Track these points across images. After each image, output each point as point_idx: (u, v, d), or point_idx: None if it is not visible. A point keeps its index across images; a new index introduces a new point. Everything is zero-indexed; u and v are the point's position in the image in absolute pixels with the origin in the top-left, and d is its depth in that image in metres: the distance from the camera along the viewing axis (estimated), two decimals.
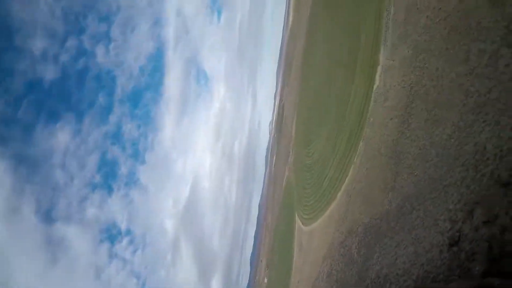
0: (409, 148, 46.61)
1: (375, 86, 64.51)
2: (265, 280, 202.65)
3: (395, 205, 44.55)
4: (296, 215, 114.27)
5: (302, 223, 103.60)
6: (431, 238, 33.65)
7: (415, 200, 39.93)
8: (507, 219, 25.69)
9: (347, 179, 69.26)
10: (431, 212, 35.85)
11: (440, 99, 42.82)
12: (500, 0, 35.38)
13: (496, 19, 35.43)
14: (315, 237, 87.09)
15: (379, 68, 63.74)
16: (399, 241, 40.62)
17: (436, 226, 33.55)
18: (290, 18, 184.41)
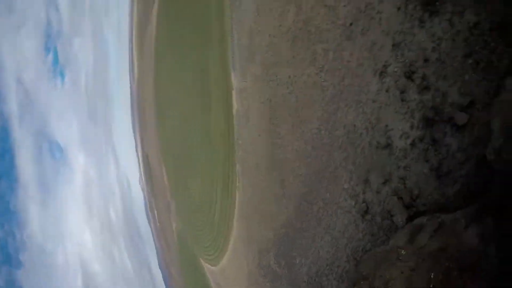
0: (286, 154, 47.65)
1: (234, 110, 65.25)
2: None
3: (292, 208, 44.57)
4: (201, 259, 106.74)
5: (211, 265, 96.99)
6: (341, 219, 34.28)
7: (310, 196, 40.47)
8: (400, 170, 27.39)
9: (236, 204, 67.55)
10: (329, 198, 36.67)
11: (300, 102, 45.02)
12: (333, 5, 39.43)
13: (332, 20, 39.26)
14: (229, 272, 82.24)
15: (233, 92, 64.89)
16: (313, 236, 40.39)
17: (341, 208, 34.40)
18: (136, 68, 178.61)
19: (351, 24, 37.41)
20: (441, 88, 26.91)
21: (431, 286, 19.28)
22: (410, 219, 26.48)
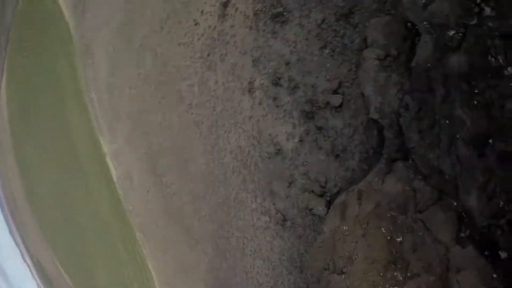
0: (181, 201, 42.97)
1: (114, 177, 57.97)
2: None
3: (211, 250, 39.78)
4: None
5: None
6: (263, 239, 32.02)
7: (223, 231, 37.04)
8: (300, 168, 25.85)
9: (153, 275, 57.99)
10: (243, 225, 33.98)
11: (178, 144, 41.54)
12: (187, 41, 37.86)
13: (190, 56, 37.59)
14: None
15: (108, 159, 57.96)
16: (243, 268, 36.12)
17: (258, 229, 31.97)
18: None
19: (208, 55, 36.19)
20: (308, 82, 26.61)
21: (389, 237, 17.87)
22: (329, 204, 25.51)
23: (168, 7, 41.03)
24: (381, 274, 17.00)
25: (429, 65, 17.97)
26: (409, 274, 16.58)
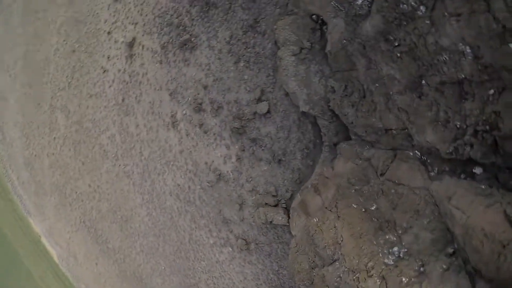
0: (135, 261, 37.95)
1: (55, 256, 50.73)
2: None
3: None
4: None
5: None
6: (234, 271, 28.55)
7: (189, 277, 33.08)
8: (246, 185, 22.95)
9: None
10: (207, 264, 30.05)
11: (114, 202, 37.12)
12: (98, 92, 34.26)
13: (104, 106, 34.10)
14: None
15: (43, 239, 50.88)
16: None
17: (224, 262, 29.16)
18: None
19: (123, 100, 32.95)
20: (231, 99, 24.56)
21: (363, 209, 16.53)
22: (287, 210, 23.66)
23: (72, 60, 37.47)
24: (374, 242, 15.66)
25: (344, 41, 17.34)
26: (400, 231, 15.42)
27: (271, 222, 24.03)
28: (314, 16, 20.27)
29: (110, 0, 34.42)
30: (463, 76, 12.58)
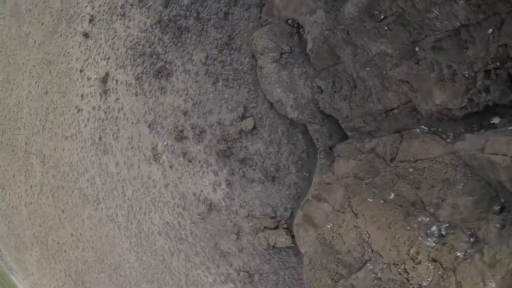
0: None
1: None
2: None
3: None
4: None
5: None
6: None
7: None
8: (241, 211, 19.93)
9: None
10: None
11: (101, 249, 33.66)
12: (74, 132, 31.50)
13: (82, 146, 31.15)
14: None
15: None
16: None
17: None
18: None
19: (100, 138, 30.34)
20: (213, 121, 22.15)
21: (382, 200, 14.04)
22: (289, 230, 20.99)
23: (45, 102, 34.97)
24: (408, 228, 13.13)
25: (326, 33, 15.59)
26: (432, 209, 12.98)
27: (274, 246, 21.01)
28: (289, 20, 18.71)
29: (81, 38, 32.54)
30: (458, 24, 11.32)
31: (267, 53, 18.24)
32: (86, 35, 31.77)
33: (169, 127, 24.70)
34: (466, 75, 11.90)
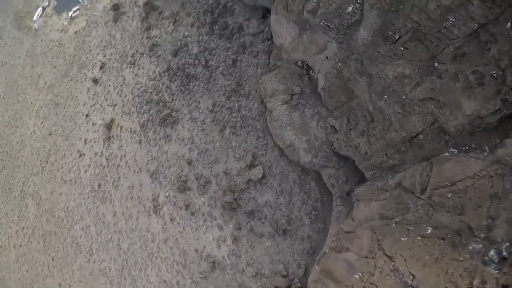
0: None
1: None
2: None
3: None
4: None
5: None
6: None
7: None
8: (248, 269, 17.52)
9: None
10: None
11: None
12: (73, 177, 29.88)
13: (79, 192, 29.30)
14: None
15: None
16: None
17: None
18: None
19: (99, 186, 28.71)
20: (219, 171, 20.60)
21: (419, 237, 12.05)
22: (302, 287, 18.46)
23: (48, 143, 33.80)
24: (462, 259, 11.04)
25: (339, 65, 14.71)
26: (482, 234, 10.92)
27: None
28: (299, 62, 17.98)
29: (90, 83, 32.09)
30: (476, 25, 10.74)
31: (277, 95, 17.27)
32: (95, 81, 31.33)
33: (172, 177, 23.08)
34: (494, 75, 11.02)
